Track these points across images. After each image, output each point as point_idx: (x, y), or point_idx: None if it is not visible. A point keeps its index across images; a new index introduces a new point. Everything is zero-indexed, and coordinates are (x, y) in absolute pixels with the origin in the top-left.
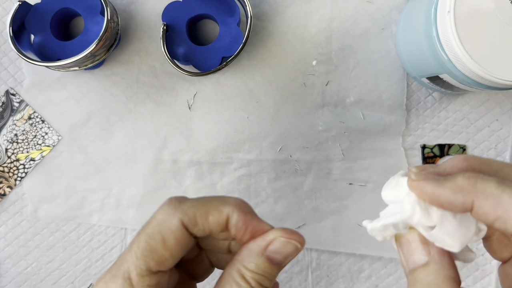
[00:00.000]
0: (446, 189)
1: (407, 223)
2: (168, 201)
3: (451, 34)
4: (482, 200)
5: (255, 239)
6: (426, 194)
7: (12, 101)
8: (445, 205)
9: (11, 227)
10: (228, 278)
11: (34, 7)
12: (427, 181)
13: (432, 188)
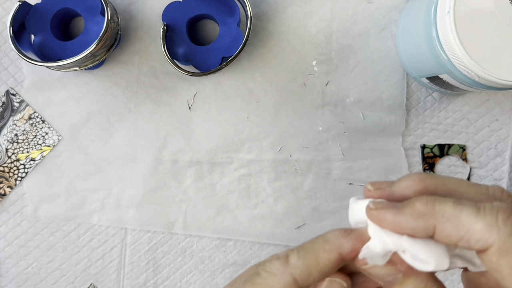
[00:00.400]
0: (406, 216)
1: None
2: (275, 258)
3: (451, 34)
4: (443, 223)
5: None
6: (387, 223)
7: (12, 101)
8: (408, 232)
9: (11, 227)
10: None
11: (34, 7)
12: (386, 210)
13: (392, 217)
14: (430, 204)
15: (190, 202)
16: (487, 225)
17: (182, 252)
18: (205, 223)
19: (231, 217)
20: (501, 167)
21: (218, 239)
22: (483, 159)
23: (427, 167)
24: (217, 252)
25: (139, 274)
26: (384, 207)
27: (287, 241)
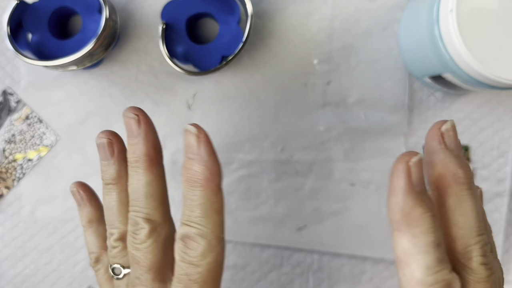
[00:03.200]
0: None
1: None
2: None
3: (454, 33)
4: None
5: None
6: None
7: (9, 101)
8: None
9: (8, 228)
10: None
11: (31, 6)
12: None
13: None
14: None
15: None
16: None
17: None
18: None
19: (231, 219)
20: (504, 167)
21: None
22: (486, 160)
23: None
24: None
25: None
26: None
27: (288, 242)
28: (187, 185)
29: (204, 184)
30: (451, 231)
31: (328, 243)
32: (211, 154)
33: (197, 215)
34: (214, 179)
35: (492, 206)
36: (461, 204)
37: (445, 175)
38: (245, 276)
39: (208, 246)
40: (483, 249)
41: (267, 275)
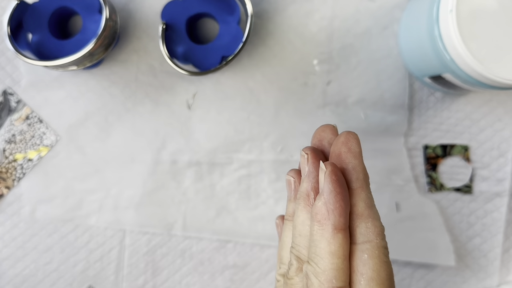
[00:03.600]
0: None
1: None
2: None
3: (453, 33)
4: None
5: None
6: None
7: (10, 101)
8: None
9: (8, 228)
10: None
11: (32, 6)
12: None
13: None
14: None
15: (190, 203)
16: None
17: (181, 253)
18: (205, 224)
19: (231, 218)
20: (504, 167)
21: (218, 241)
22: (486, 159)
23: (430, 168)
24: (216, 253)
25: (138, 276)
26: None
27: None
28: (311, 219)
29: (321, 221)
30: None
31: None
32: (333, 192)
33: (313, 252)
34: (331, 217)
35: (492, 206)
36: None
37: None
38: (245, 276)
39: (318, 287)
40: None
41: (267, 275)
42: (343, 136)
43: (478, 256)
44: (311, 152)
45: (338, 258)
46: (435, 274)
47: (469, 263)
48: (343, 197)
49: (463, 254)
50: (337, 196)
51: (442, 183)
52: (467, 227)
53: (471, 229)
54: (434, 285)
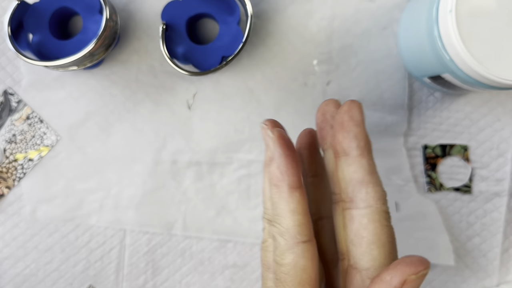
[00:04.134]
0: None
1: None
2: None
3: (453, 33)
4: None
5: (382, 279)
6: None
7: (10, 101)
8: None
9: (9, 228)
10: None
11: (32, 6)
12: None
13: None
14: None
15: (190, 203)
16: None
17: (182, 253)
18: (205, 224)
19: (231, 218)
20: (504, 167)
21: (218, 240)
22: (485, 159)
23: (429, 168)
24: (216, 253)
25: (138, 275)
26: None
27: None
28: (268, 183)
29: (277, 184)
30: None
31: None
32: (283, 155)
33: (275, 213)
34: (286, 178)
35: (491, 206)
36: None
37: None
38: (245, 276)
39: (285, 245)
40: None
41: None
42: (346, 105)
43: (477, 255)
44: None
45: (299, 214)
46: (434, 274)
47: (468, 263)
48: (293, 158)
49: (463, 254)
50: (287, 158)
51: (442, 183)
52: (466, 227)
53: (470, 229)
54: (434, 284)
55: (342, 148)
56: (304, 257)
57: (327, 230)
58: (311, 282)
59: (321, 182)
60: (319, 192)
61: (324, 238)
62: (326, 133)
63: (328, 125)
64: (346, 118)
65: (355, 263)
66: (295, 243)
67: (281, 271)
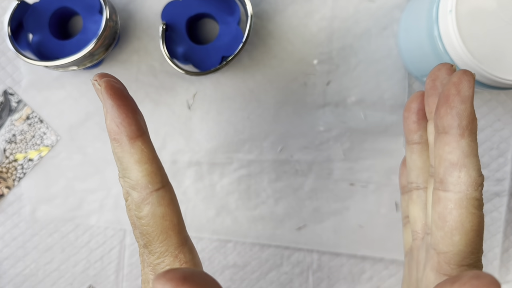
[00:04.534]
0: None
1: None
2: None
3: (453, 33)
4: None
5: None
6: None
7: (10, 101)
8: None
9: (9, 228)
10: None
11: (32, 6)
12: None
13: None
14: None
15: (190, 203)
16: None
17: None
18: (205, 224)
19: (231, 218)
20: (504, 167)
21: (218, 240)
22: (486, 159)
23: None
24: (216, 253)
25: (138, 275)
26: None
27: (288, 242)
28: (110, 139)
29: (116, 137)
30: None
31: (328, 243)
32: (114, 105)
33: (122, 168)
34: (123, 130)
35: (491, 206)
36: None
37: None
38: (245, 276)
39: (138, 198)
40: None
41: (267, 274)
42: (457, 76)
43: None
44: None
45: (145, 163)
46: None
47: None
48: (127, 106)
49: None
50: (120, 108)
51: None
52: None
53: None
54: None
55: (442, 124)
56: (161, 205)
57: (422, 201)
58: (174, 227)
59: (425, 149)
60: (421, 160)
61: (416, 208)
62: (433, 102)
63: (436, 92)
64: (453, 91)
65: (435, 244)
66: (149, 193)
67: (142, 224)
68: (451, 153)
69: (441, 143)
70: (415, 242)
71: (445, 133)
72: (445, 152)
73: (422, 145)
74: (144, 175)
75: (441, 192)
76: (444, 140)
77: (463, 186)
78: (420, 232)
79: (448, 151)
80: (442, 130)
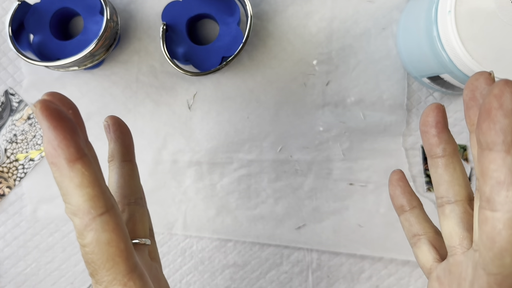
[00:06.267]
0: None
1: None
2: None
3: (452, 33)
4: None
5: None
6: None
7: (11, 101)
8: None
9: (10, 227)
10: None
11: (33, 7)
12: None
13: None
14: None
15: (190, 203)
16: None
17: (182, 252)
18: (205, 224)
19: (231, 218)
20: None
21: (218, 240)
22: None
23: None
24: (217, 253)
25: None
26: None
27: (288, 241)
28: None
29: (54, 161)
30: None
31: (327, 242)
32: (50, 127)
33: (63, 193)
34: (60, 153)
35: None
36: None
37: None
38: (245, 275)
39: (80, 224)
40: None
41: (267, 273)
42: (498, 87)
43: None
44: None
45: (87, 187)
46: None
47: None
48: (64, 127)
49: None
50: (55, 129)
51: None
52: None
53: None
54: None
55: (485, 140)
56: (105, 231)
57: (456, 215)
58: (121, 253)
59: (450, 162)
60: (448, 173)
61: (451, 222)
62: (474, 115)
63: (477, 104)
64: (495, 105)
65: (484, 264)
66: (91, 219)
67: (86, 252)
68: (497, 171)
69: (485, 160)
70: (454, 257)
71: (489, 149)
72: (491, 170)
73: (446, 158)
74: (86, 199)
75: (489, 212)
76: (489, 158)
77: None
78: (459, 247)
79: (493, 169)
80: (486, 147)
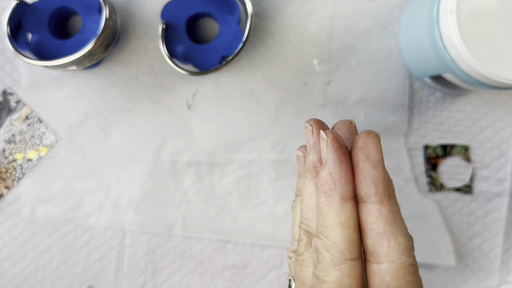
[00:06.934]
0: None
1: None
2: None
3: (454, 33)
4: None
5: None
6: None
7: (9, 101)
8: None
9: (8, 228)
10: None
11: (31, 6)
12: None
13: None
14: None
15: (190, 203)
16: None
17: (181, 253)
18: (205, 224)
19: (231, 218)
20: (504, 167)
21: (218, 241)
22: (486, 160)
23: (430, 168)
24: (216, 253)
25: (138, 276)
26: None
27: (288, 242)
28: (317, 191)
29: (328, 192)
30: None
31: None
32: (337, 160)
33: (321, 225)
34: (338, 187)
35: (492, 206)
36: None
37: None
38: (245, 276)
39: (330, 261)
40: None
41: (267, 275)
42: (361, 139)
43: (478, 256)
44: (315, 123)
45: (349, 229)
46: (435, 274)
47: (469, 263)
48: (348, 164)
49: (463, 254)
50: (341, 165)
51: (442, 183)
52: (467, 227)
53: (471, 229)
54: (434, 285)
55: (358, 193)
56: (350, 276)
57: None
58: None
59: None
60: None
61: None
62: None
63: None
64: (362, 157)
65: None
66: (342, 260)
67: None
68: (375, 223)
69: (362, 213)
70: None
71: (364, 202)
72: (369, 222)
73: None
74: (344, 240)
75: (374, 264)
76: (365, 210)
77: (395, 255)
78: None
79: (371, 222)
80: (360, 200)
